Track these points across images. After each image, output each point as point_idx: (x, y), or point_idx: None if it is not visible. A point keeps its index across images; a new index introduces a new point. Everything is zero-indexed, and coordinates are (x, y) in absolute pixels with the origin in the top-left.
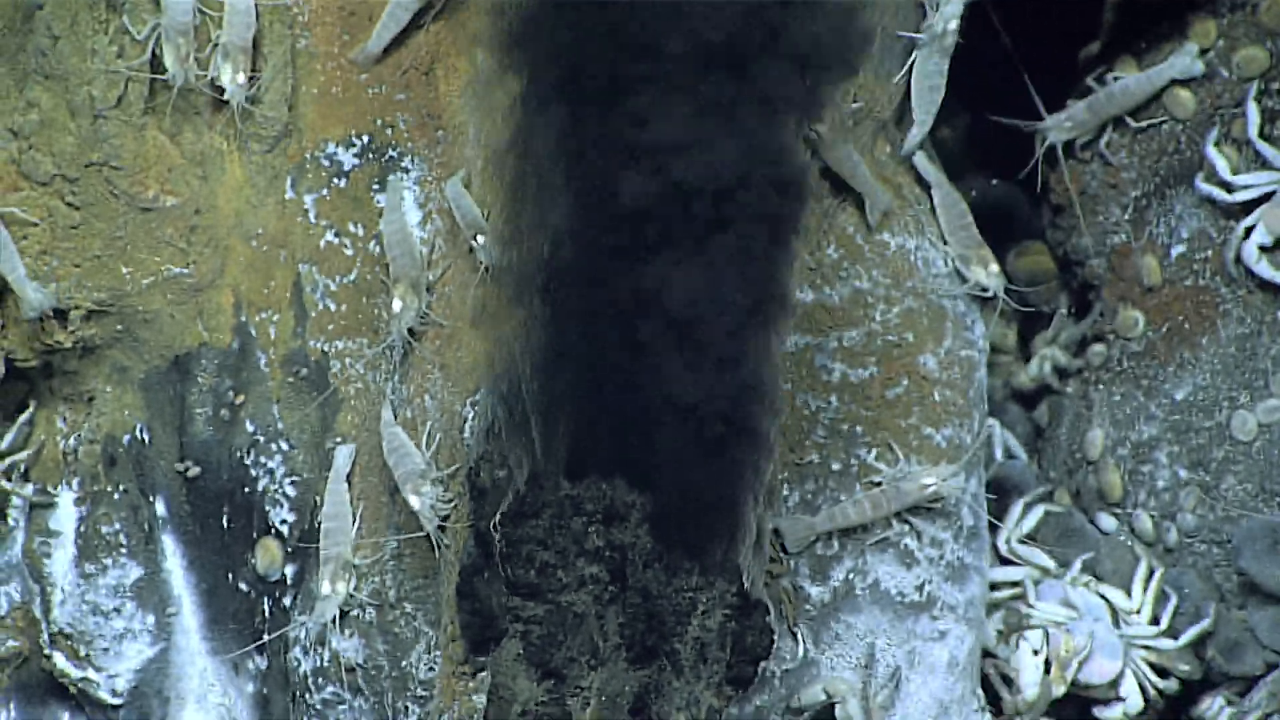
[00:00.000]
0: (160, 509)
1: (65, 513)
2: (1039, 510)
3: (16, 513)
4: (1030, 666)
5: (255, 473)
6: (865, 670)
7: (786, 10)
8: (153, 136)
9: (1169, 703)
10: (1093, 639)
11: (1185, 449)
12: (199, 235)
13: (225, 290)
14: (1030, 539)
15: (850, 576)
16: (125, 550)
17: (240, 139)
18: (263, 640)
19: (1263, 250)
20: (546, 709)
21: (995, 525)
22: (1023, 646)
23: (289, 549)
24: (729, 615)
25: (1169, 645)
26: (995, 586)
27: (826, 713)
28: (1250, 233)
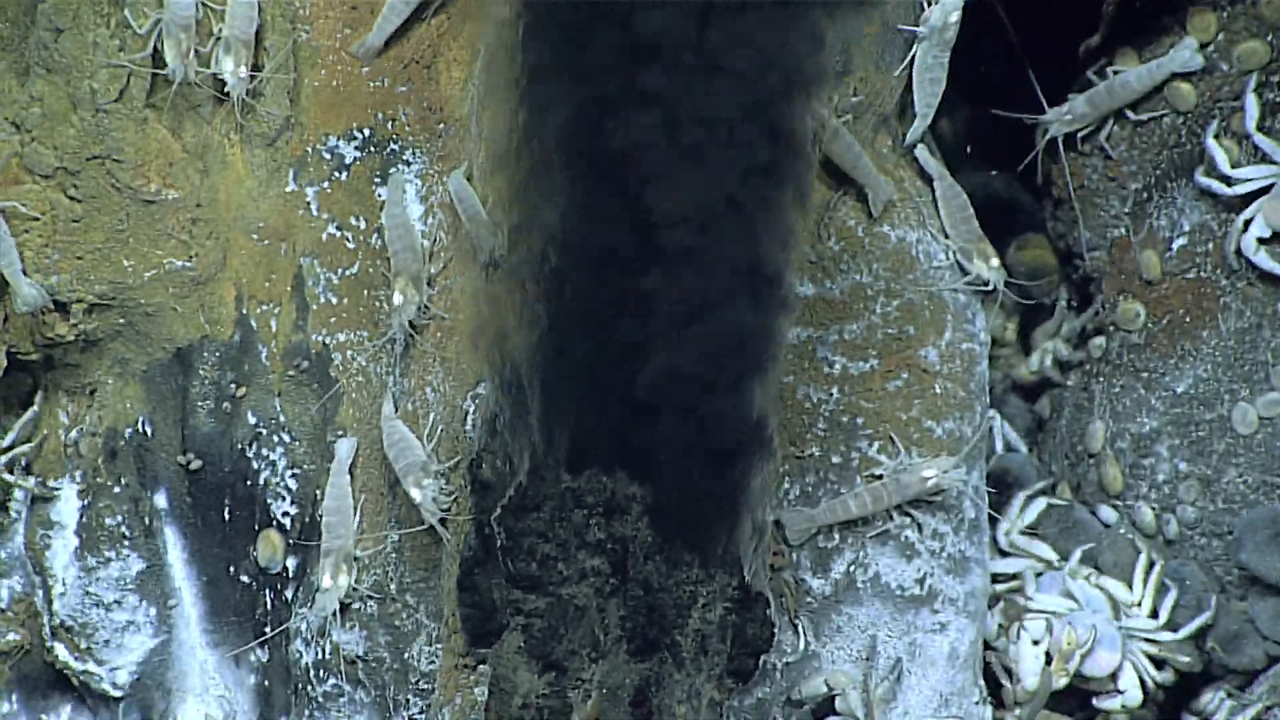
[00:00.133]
0: (162, 501)
1: (67, 505)
2: (1040, 503)
3: (18, 505)
4: (1030, 656)
5: (257, 465)
6: (866, 663)
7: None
8: (154, 130)
9: (1168, 695)
10: (1095, 632)
11: (1186, 442)
12: (200, 228)
13: (227, 283)
14: (1031, 532)
15: (851, 569)
16: (127, 543)
17: (242, 132)
18: (267, 636)
19: (1261, 242)
20: (547, 701)
21: (995, 518)
22: (1023, 637)
23: (290, 541)
24: (730, 608)
25: (1169, 638)
26: (996, 579)
27: (827, 705)
28: (1249, 225)
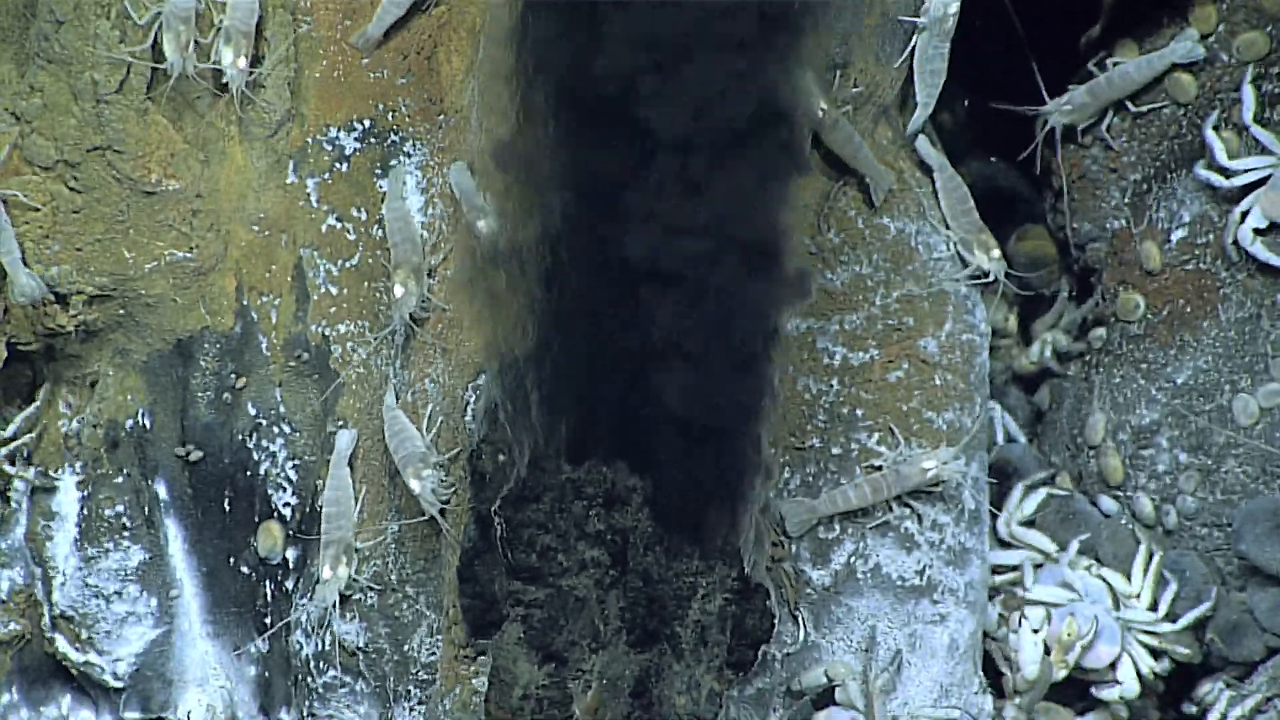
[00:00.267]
0: (162, 492)
1: (67, 496)
2: (1040, 494)
3: (19, 496)
4: (1031, 645)
5: (257, 456)
6: (866, 654)
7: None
8: (155, 121)
9: (1168, 685)
10: (1096, 624)
11: (1186, 433)
12: (201, 219)
13: (227, 274)
14: (1031, 523)
15: (851, 560)
16: (127, 533)
17: (242, 124)
18: (271, 630)
19: (1258, 233)
20: (548, 692)
21: (995, 514)
22: (1024, 625)
23: (290, 532)
24: (730, 599)
25: (1168, 629)
26: (996, 570)
27: (827, 696)
28: (1246, 216)
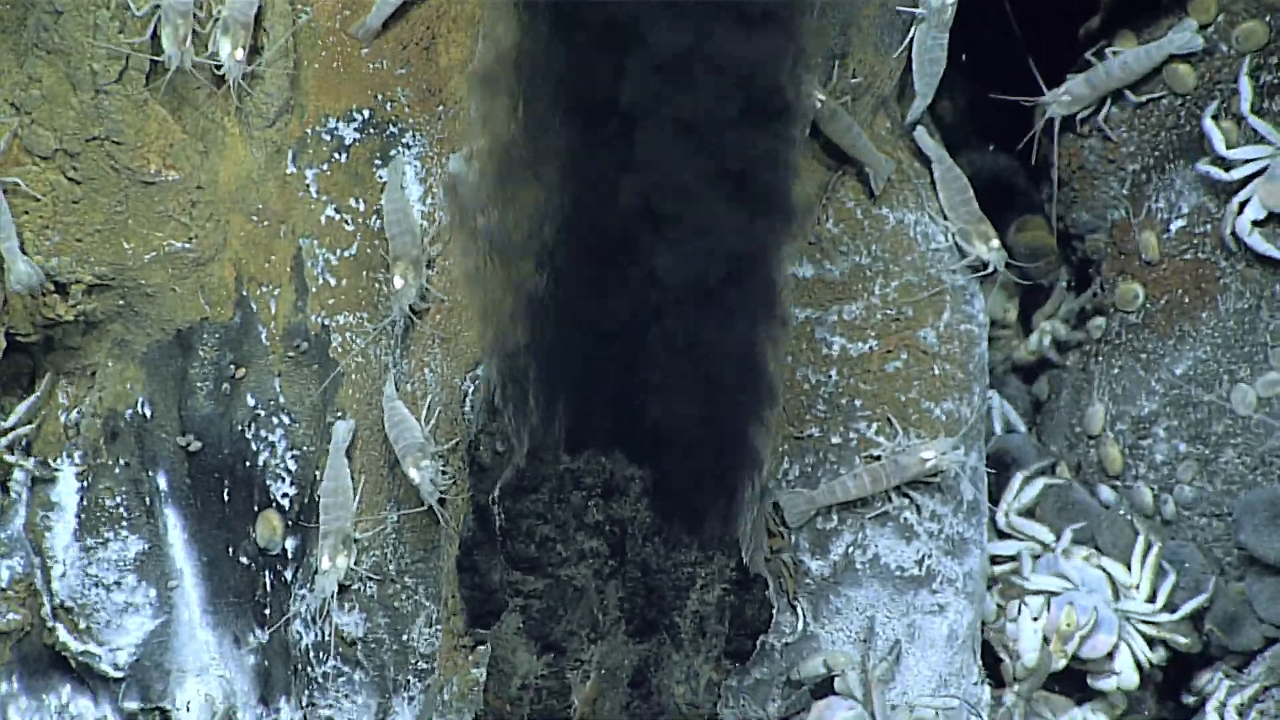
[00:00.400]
0: (161, 483)
1: (67, 486)
2: (1038, 484)
3: (19, 486)
4: (1030, 632)
5: (256, 446)
6: (865, 644)
7: None
8: (154, 111)
9: (1166, 675)
10: (1096, 614)
11: (1185, 423)
12: (200, 210)
13: (226, 265)
14: (1030, 513)
15: (850, 550)
16: (126, 524)
17: (241, 114)
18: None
19: (1256, 224)
20: (546, 682)
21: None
22: (1024, 613)
23: (289, 522)
24: (728, 589)
25: (1166, 618)
26: (995, 560)
27: (826, 686)
28: (1244, 206)
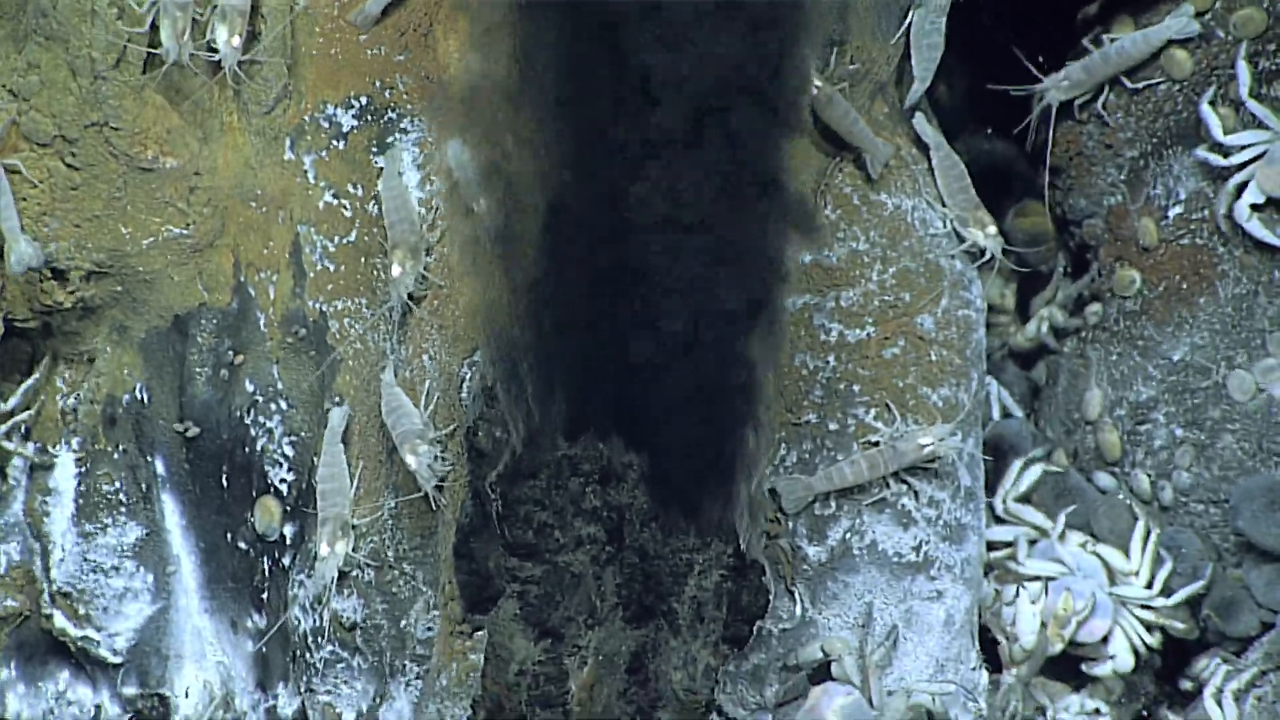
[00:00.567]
0: (159, 468)
1: (65, 472)
2: (1036, 470)
3: (17, 472)
4: (1028, 614)
5: (254, 432)
6: (862, 629)
7: None
8: (152, 98)
9: (1164, 661)
10: (1094, 599)
11: (1182, 408)
12: (198, 196)
13: (224, 251)
14: (1027, 499)
15: (847, 536)
16: (125, 509)
17: (240, 101)
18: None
19: (1255, 209)
20: (544, 668)
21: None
22: (1022, 595)
23: (288, 508)
24: (726, 575)
25: (1163, 603)
26: (992, 546)
27: (824, 671)
28: (1241, 190)
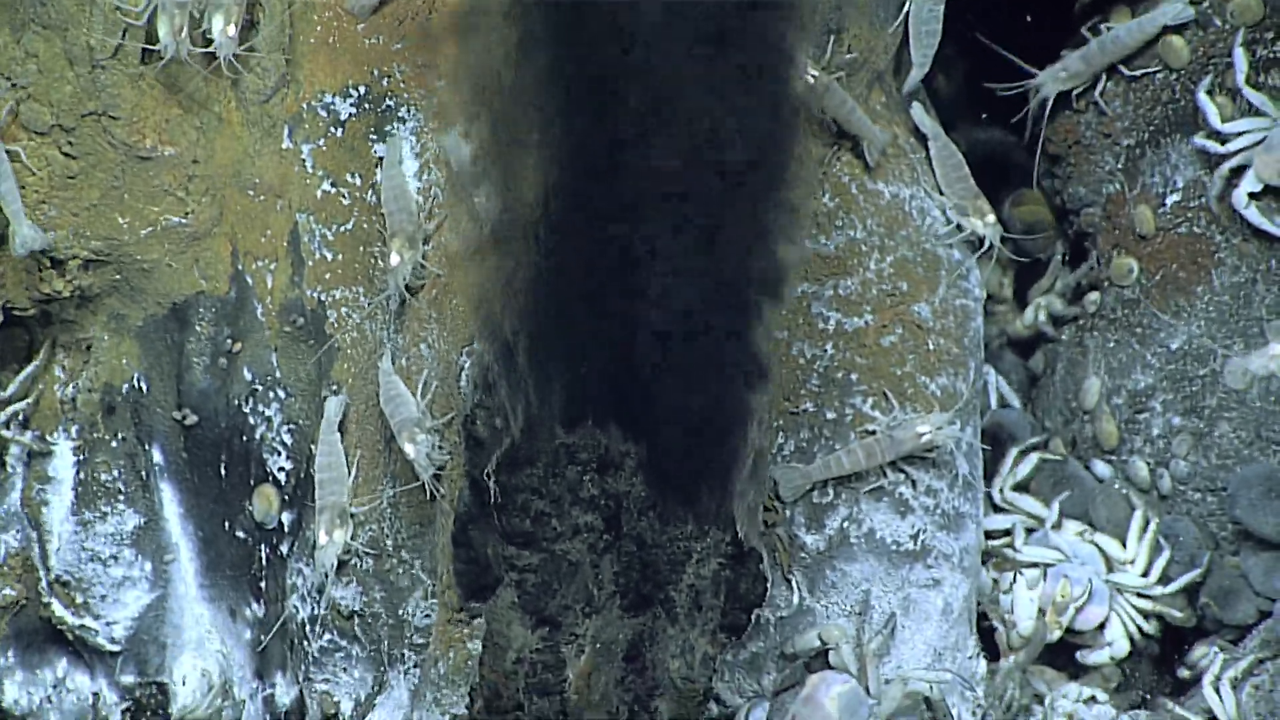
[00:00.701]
0: (158, 457)
1: (63, 460)
2: (1033, 458)
3: (15, 460)
4: (1026, 600)
5: (253, 420)
6: (860, 617)
7: None
8: (150, 87)
9: (1162, 649)
10: (1091, 586)
11: (1180, 396)
12: (196, 185)
13: (222, 239)
14: (1024, 488)
15: (845, 525)
16: (123, 498)
17: (238, 89)
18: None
19: (1253, 197)
20: (541, 656)
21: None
22: (1019, 580)
23: (286, 497)
24: (723, 563)
25: (1160, 591)
26: (989, 535)
27: (821, 659)
28: (1236, 175)
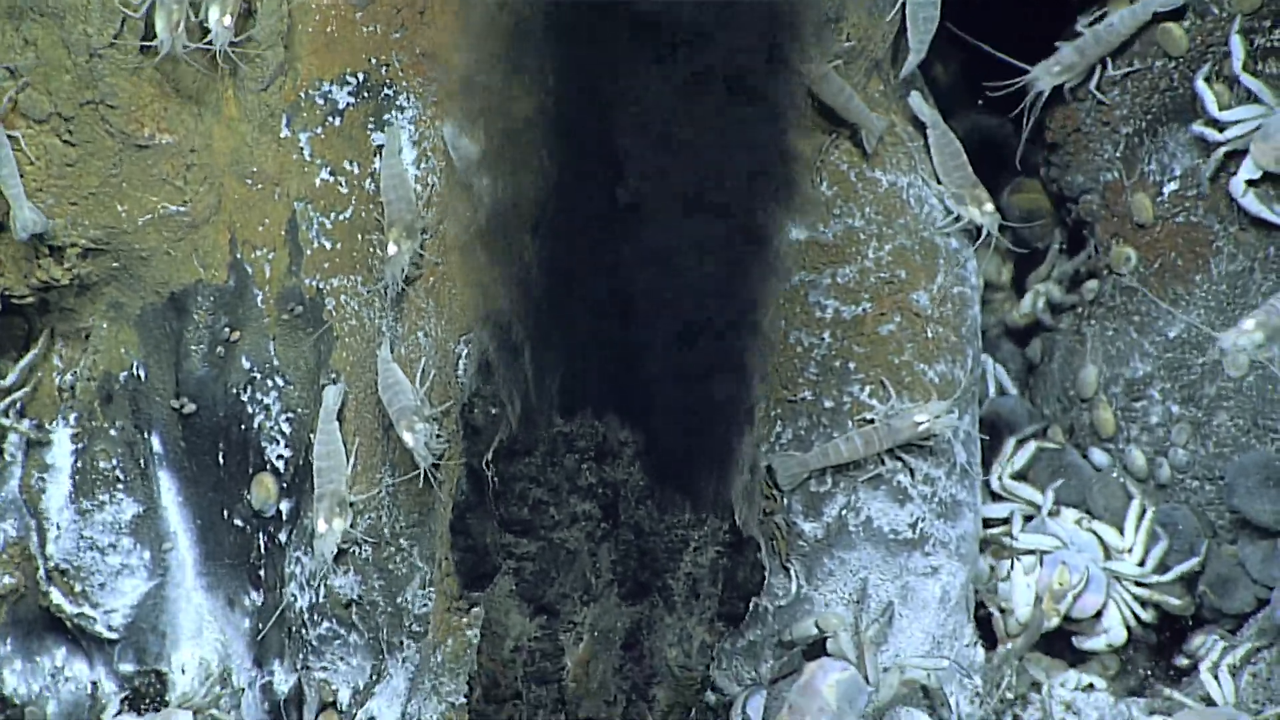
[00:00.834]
0: (156, 445)
1: (61, 449)
2: (1031, 447)
3: (13, 449)
4: (1023, 586)
5: (251, 409)
6: (858, 605)
7: None
8: (149, 75)
9: (1160, 638)
10: (1088, 573)
11: (1178, 385)
12: (195, 173)
13: (221, 228)
14: (1022, 476)
15: (843, 513)
16: (121, 486)
17: (236, 78)
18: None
19: (1250, 184)
20: (539, 644)
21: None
22: (1017, 567)
23: (284, 485)
24: (721, 551)
25: (1157, 579)
26: (987, 523)
27: (819, 647)
28: (1228, 160)
